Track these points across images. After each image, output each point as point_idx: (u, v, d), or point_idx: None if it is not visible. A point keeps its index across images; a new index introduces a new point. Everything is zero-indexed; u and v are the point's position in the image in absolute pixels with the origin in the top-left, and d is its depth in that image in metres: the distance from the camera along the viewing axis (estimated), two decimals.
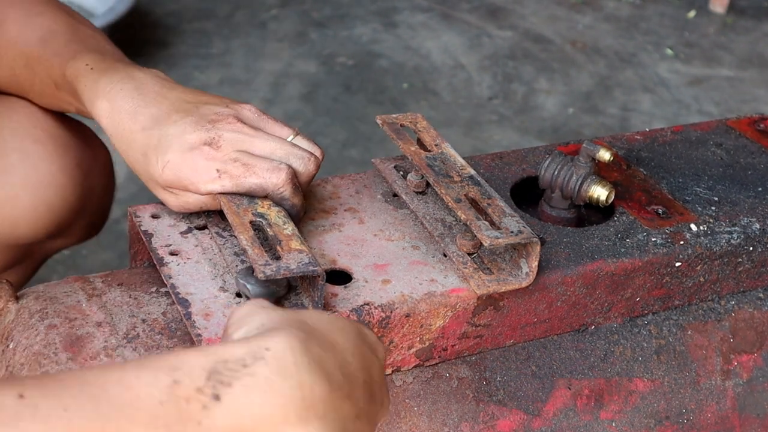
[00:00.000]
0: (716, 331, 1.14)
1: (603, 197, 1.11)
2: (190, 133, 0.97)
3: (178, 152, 0.96)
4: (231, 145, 0.97)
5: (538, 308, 1.03)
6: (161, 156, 0.97)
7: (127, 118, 1.00)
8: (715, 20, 3.52)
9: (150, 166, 0.98)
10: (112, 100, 1.02)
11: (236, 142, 0.97)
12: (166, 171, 0.97)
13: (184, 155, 0.96)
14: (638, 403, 1.08)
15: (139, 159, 0.99)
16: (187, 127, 0.97)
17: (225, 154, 0.97)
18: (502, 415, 1.02)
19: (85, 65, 1.07)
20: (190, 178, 0.96)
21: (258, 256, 0.90)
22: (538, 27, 3.38)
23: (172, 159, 0.96)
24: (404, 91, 2.92)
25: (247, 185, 0.97)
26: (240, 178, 0.96)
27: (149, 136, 0.98)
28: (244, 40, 3.13)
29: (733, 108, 2.96)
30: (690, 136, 1.33)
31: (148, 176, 0.99)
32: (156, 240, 1.01)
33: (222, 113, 0.99)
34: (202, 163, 0.96)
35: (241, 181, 0.96)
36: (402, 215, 1.09)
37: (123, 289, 1.01)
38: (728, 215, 1.15)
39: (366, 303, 0.94)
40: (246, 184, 0.97)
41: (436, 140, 1.10)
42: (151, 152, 0.97)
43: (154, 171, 0.98)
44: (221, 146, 0.97)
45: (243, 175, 0.96)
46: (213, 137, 0.97)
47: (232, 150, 0.97)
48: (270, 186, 0.97)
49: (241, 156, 0.97)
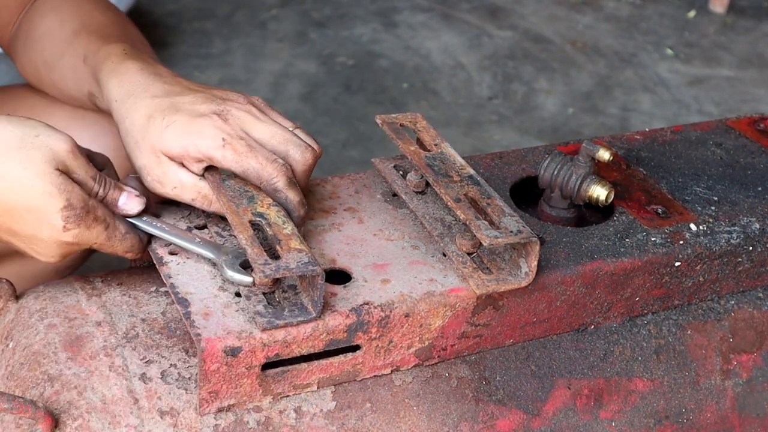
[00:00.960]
0: (716, 330, 1.14)
1: (602, 197, 1.11)
2: (201, 104, 1.01)
3: (187, 116, 0.99)
4: (238, 121, 1.00)
5: (538, 308, 1.03)
6: (168, 117, 0.99)
7: (140, 89, 1.04)
8: (715, 20, 3.52)
9: (151, 126, 1.00)
10: (129, 73, 1.07)
11: (242, 121, 1.01)
12: (169, 130, 0.99)
13: (193, 119, 0.99)
14: (638, 403, 1.08)
15: (140, 122, 1.01)
16: (198, 99, 1.02)
17: (232, 128, 1.00)
18: (501, 414, 1.02)
19: (121, 49, 1.12)
20: (194, 140, 0.98)
21: (257, 256, 0.90)
22: (538, 27, 3.38)
23: (179, 120, 0.99)
24: (404, 91, 2.92)
25: (246, 166, 0.98)
26: (242, 155, 0.98)
27: (159, 102, 1.01)
28: (244, 40, 3.13)
29: (733, 108, 2.96)
30: (690, 136, 1.33)
31: (142, 139, 1.00)
32: (156, 239, 1.01)
33: (232, 95, 1.05)
34: (209, 129, 0.99)
35: (242, 159, 0.98)
36: (401, 215, 1.09)
37: (122, 289, 1.01)
38: (728, 215, 1.15)
39: (365, 302, 0.94)
40: (245, 164, 0.98)
41: (436, 140, 1.10)
42: (157, 114, 1.00)
43: (154, 131, 0.99)
44: (229, 120, 1.00)
45: (245, 154, 0.98)
46: (222, 110, 1.00)
47: (239, 127, 1.00)
48: (265, 175, 0.98)
49: (246, 137, 1.00)
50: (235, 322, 0.90)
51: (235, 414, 0.92)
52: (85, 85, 1.17)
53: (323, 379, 0.95)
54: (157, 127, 0.99)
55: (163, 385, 0.92)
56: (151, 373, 0.93)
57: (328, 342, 0.93)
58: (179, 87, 1.04)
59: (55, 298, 0.99)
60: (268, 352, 0.90)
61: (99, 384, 0.92)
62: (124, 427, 0.89)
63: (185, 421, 0.91)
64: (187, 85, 1.06)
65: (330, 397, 0.96)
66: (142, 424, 0.90)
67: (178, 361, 0.94)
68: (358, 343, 0.95)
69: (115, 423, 0.89)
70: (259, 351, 0.90)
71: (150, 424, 0.90)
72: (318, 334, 0.92)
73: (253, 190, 1.00)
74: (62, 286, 1.02)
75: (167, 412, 0.91)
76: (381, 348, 0.96)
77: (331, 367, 0.95)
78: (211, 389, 0.90)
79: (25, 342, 0.96)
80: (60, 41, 1.22)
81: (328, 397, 0.96)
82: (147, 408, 0.91)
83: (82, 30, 1.20)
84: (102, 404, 0.90)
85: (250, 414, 0.93)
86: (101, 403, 0.90)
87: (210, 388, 0.90)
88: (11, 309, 1.00)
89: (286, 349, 0.91)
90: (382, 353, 0.96)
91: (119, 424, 0.89)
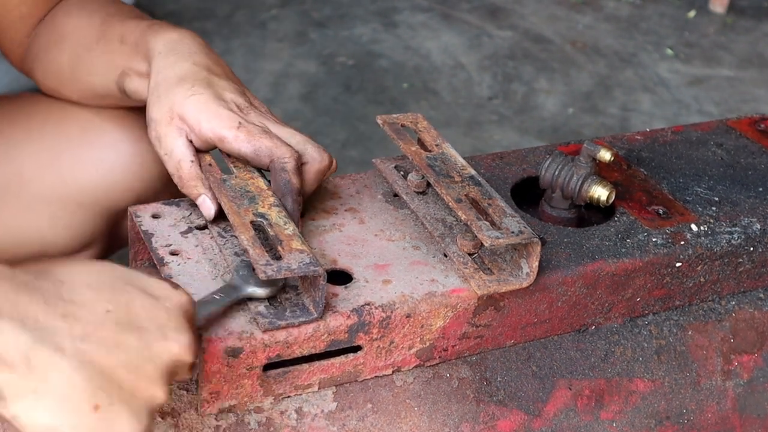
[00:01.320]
0: (717, 331, 1.14)
1: (603, 197, 1.11)
2: (230, 92, 1.04)
3: (212, 96, 1.02)
4: (257, 118, 1.03)
5: (539, 308, 1.03)
6: (197, 87, 1.02)
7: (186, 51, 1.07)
8: (715, 20, 3.52)
9: (178, 88, 1.03)
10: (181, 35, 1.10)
11: (262, 120, 1.04)
12: (193, 99, 1.01)
13: (216, 100, 1.02)
14: (639, 404, 1.08)
15: (171, 80, 1.04)
16: (229, 87, 1.05)
17: (249, 118, 1.02)
18: (502, 415, 1.02)
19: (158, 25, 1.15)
20: (209, 118, 1.01)
21: (259, 256, 0.90)
22: (538, 27, 3.38)
23: (205, 94, 1.02)
24: (404, 91, 2.92)
25: (258, 144, 1.00)
26: (255, 136, 1.00)
27: (197, 71, 1.04)
28: (244, 40, 3.13)
29: (733, 108, 2.96)
30: (690, 136, 1.33)
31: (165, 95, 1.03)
32: (156, 240, 1.01)
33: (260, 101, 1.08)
34: (226, 113, 1.01)
35: (254, 139, 1.00)
36: (402, 215, 1.09)
37: None
38: (729, 215, 1.15)
39: (366, 303, 0.94)
40: (258, 143, 1.00)
41: (437, 140, 1.10)
42: (189, 80, 1.03)
43: (179, 93, 1.02)
44: (249, 115, 1.03)
45: (259, 135, 1.00)
46: (245, 105, 1.04)
47: (256, 120, 1.03)
48: (278, 153, 1.00)
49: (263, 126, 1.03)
50: (236, 323, 0.90)
51: (236, 415, 0.92)
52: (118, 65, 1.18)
53: (324, 379, 0.95)
54: (183, 91, 1.02)
55: None
56: None
57: (329, 343, 0.93)
58: (220, 69, 1.08)
59: None
60: (269, 353, 0.90)
61: None
62: None
63: (186, 422, 0.91)
64: (227, 71, 1.10)
65: (331, 397, 0.96)
66: None
67: None
68: (359, 344, 0.94)
69: None
70: (261, 352, 0.90)
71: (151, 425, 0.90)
72: (319, 335, 0.91)
73: (254, 190, 1.00)
74: None
75: (168, 413, 0.91)
76: (382, 348, 0.96)
77: (332, 367, 0.94)
78: (213, 390, 0.90)
79: None
80: (91, 30, 1.23)
81: (329, 398, 0.96)
82: None
83: (114, 17, 1.22)
84: None
85: (251, 415, 0.92)
86: None
87: (211, 389, 0.90)
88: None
89: (288, 350, 0.91)
90: (383, 354, 0.96)
91: None
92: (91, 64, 1.23)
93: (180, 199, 1.07)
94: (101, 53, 1.21)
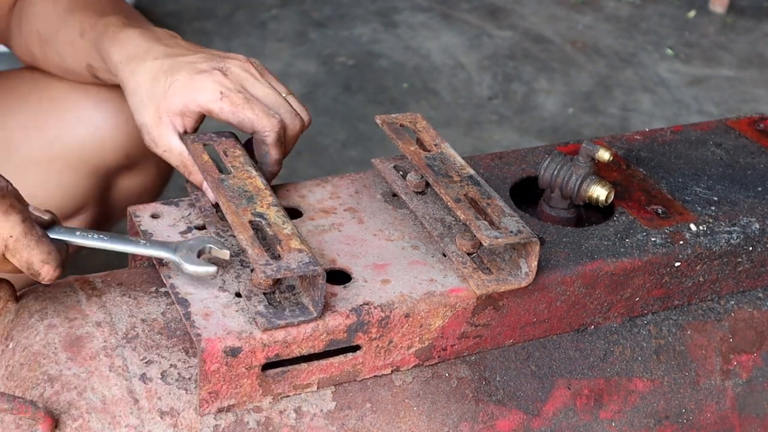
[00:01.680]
0: (716, 330, 1.14)
1: (602, 197, 1.11)
2: (202, 62, 1.07)
3: (188, 74, 1.05)
4: (236, 78, 1.06)
5: (538, 308, 1.03)
6: (170, 77, 1.05)
7: (142, 52, 1.10)
8: (715, 20, 3.52)
9: (156, 87, 1.06)
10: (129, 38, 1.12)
11: (241, 78, 1.06)
12: (172, 89, 1.05)
13: (193, 75, 1.05)
14: (638, 403, 1.08)
15: (145, 84, 1.07)
16: (199, 58, 1.08)
17: (231, 82, 1.05)
18: (501, 414, 1.02)
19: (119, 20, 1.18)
20: (193, 95, 1.04)
21: (258, 256, 0.90)
22: (538, 27, 3.38)
23: (180, 79, 1.05)
24: (404, 91, 2.92)
25: (242, 117, 1.03)
26: (239, 107, 1.03)
27: (161, 63, 1.07)
28: (244, 40, 3.13)
29: (733, 108, 2.96)
30: (690, 136, 1.33)
31: (148, 99, 1.07)
32: (155, 240, 1.01)
33: (231, 54, 1.10)
34: (208, 84, 1.04)
35: (238, 110, 1.03)
36: (401, 215, 1.09)
37: (122, 289, 1.01)
38: (728, 215, 1.15)
39: (365, 303, 0.94)
40: (241, 115, 1.03)
41: (436, 140, 1.10)
42: (161, 75, 1.06)
43: (158, 92, 1.05)
44: (228, 76, 1.05)
45: (242, 106, 1.03)
46: (222, 66, 1.06)
47: (238, 83, 1.05)
48: (259, 126, 1.04)
49: (244, 90, 1.05)
50: (235, 323, 0.90)
51: (235, 414, 0.92)
52: (83, 58, 1.22)
53: (323, 379, 0.95)
54: (161, 88, 1.05)
55: (163, 386, 0.92)
56: (151, 374, 0.93)
57: (328, 342, 0.93)
58: (179, 48, 1.10)
59: (55, 298, 0.99)
60: (268, 353, 0.90)
61: (99, 384, 0.92)
62: (125, 427, 0.89)
63: (185, 422, 0.91)
64: (186, 45, 1.12)
65: (330, 397, 0.96)
66: (142, 425, 0.90)
67: (178, 362, 0.94)
68: (358, 344, 0.95)
69: (115, 423, 0.89)
70: (259, 351, 0.90)
71: (150, 425, 0.90)
72: (318, 335, 0.92)
73: (252, 190, 1.00)
74: (62, 286, 1.02)
75: (167, 413, 0.91)
76: (381, 348, 0.96)
77: (331, 367, 0.95)
78: (211, 389, 0.90)
79: (25, 342, 0.96)
80: (54, 18, 1.26)
81: (328, 398, 0.96)
82: (147, 408, 0.91)
83: (76, 7, 1.25)
84: (102, 405, 0.90)
85: (250, 414, 0.93)
86: (101, 403, 0.90)
87: (210, 389, 0.90)
88: (11, 309, 1.00)
89: (286, 350, 0.91)
90: (382, 353, 0.96)
91: (119, 424, 0.89)
92: (59, 49, 1.27)
93: (179, 199, 1.07)
94: (65, 41, 1.24)
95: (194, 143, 1.06)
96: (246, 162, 1.04)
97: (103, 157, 1.38)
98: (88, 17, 1.21)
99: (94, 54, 1.19)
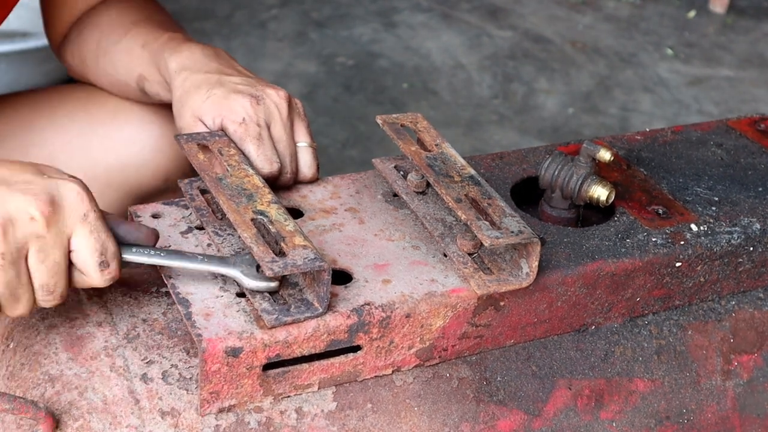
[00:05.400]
0: (716, 331, 1.14)
1: (603, 197, 1.11)
2: (242, 85, 1.14)
3: (226, 91, 1.12)
4: (266, 110, 1.11)
5: (539, 308, 1.03)
6: (211, 90, 1.13)
7: (197, 65, 1.18)
8: (715, 20, 3.53)
9: (196, 95, 1.13)
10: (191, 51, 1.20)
11: (269, 112, 1.12)
12: (209, 101, 1.11)
13: (229, 95, 1.11)
14: (638, 403, 1.08)
15: (190, 90, 1.14)
16: (242, 80, 1.15)
17: (257, 113, 1.10)
18: (502, 415, 1.02)
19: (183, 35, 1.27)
20: (222, 111, 1.10)
21: (264, 253, 0.90)
22: (538, 27, 3.38)
23: (218, 93, 1.12)
24: (404, 91, 2.92)
25: (245, 149, 1.08)
26: (247, 139, 1.08)
27: (209, 77, 1.15)
28: (244, 40, 3.13)
29: (733, 108, 2.97)
30: (690, 136, 1.33)
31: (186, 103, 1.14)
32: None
33: (276, 87, 1.15)
34: (238, 106, 1.10)
35: (245, 141, 1.08)
36: (402, 215, 1.09)
37: (123, 289, 1.01)
38: (728, 215, 1.15)
39: (366, 303, 0.94)
40: (246, 147, 1.08)
41: (437, 140, 1.10)
42: (204, 85, 1.14)
43: (197, 99, 1.12)
44: (259, 105, 1.11)
45: (250, 139, 1.08)
46: (258, 95, 1.11)
47: (263, 116, 1.10)
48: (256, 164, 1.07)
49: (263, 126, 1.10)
50: (236, 323, 0.90)
51: (236, 414, 0.92)
52: (137, 68, 1.28)
53: (324, 379, 0.95)
54: (200, 96, 1.12)
55: (164, 386, 0.92)
56: (152, 374, 0.93)
57: (329, 342, 0.93)
58: (231, 69, 1.18)
59: None
60: (269, 353, 0.90)
61: (100, 384, 0.92)
62: (125, 427, 0.89)
63: (186, 422, 0.91)
64: (239, 69, 1.19)
65: (331, 397, 0.96)
66: (143, 425, 0.90)
67: (179, 362, 0.94)
68: (358, 344, 0.95)
69: (116, 423, 0.89)
70: (260, 351, 0.90)
71: (151, 425, 0.90)
72: (319, 335, 0.92)
73: (250, 188, 1.00)
74: None
75: (168, 413, 0.91)
76: (382, 348, 0.96)
77: (332, 367, 0.95)
78: (212, 389, 0.90)
79: (26, 342, 0.96)
80: (119, 29, 1.32)
81: (329, 398, 0.96)
82: (148, 408, 0.91)
83: (143, 21, 1.32)
84: (103, 405, 0.90)
85: (251, 414, 0.93)
86: (102, 403, 0.90)
87: (211, 389, 0.90)
88: None
89: (287, 350, 0.91)
90: (383, 354, 0.96)
91: (120, 424, 0.89)
92: (114, 58, 1.31)
93: (180, 199, 1.07)
94: (124, 51, 1.30)
95: (188, 143, 1.06)
96: (241, 161, 1.04)
97: (143, 180, 1.41)
98: (153, 30, 1.28)
99: (149, 64, 1.25)
